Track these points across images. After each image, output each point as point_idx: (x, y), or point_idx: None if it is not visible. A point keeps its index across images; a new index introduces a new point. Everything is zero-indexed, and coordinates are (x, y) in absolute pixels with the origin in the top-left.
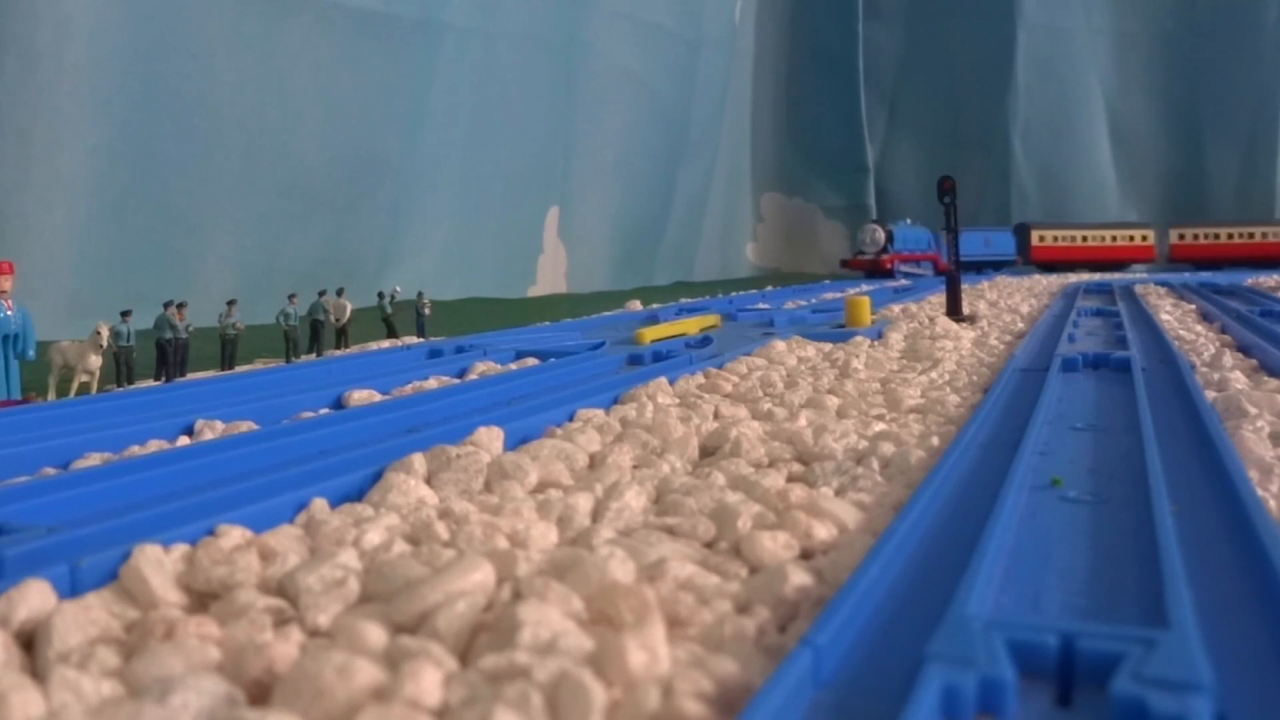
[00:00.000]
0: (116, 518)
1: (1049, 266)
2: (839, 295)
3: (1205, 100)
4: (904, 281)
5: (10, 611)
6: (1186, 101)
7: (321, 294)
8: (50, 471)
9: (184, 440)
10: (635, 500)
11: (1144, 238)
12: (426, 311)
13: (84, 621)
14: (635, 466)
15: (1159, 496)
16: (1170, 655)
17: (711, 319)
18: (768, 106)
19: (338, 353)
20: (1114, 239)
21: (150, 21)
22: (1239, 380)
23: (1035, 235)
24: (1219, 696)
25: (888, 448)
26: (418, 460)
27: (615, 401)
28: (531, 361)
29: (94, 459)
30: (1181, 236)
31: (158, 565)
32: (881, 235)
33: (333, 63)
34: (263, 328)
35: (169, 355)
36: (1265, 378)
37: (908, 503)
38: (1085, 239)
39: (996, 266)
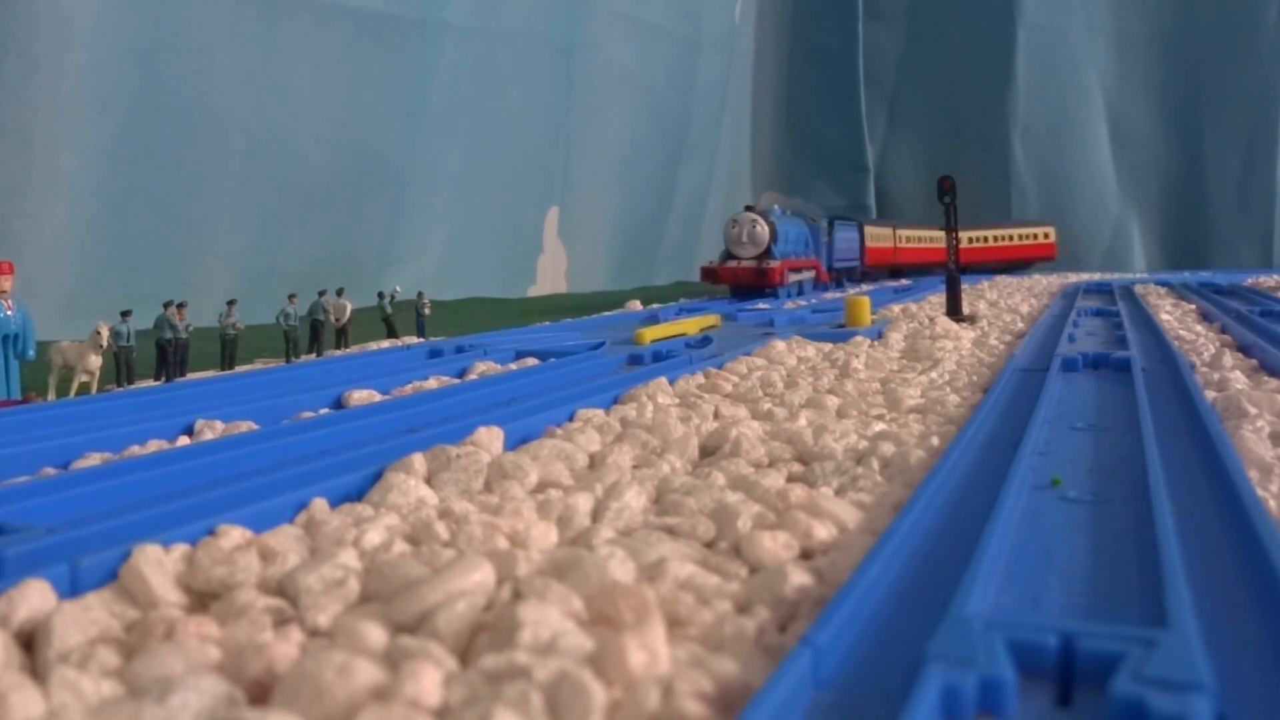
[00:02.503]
0: (116, 518)
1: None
2: (839, 295)
3: (1205, 100)
4: (905, 281)
5: (10, 611)
6: (1186, 101)
7: (321, 294)
8: (50, 471)
9: (184, 440)
10: (635, 500)
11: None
12: (426, 311)
13: (84, 621)
14: (635, 466)
15: (1159, 496)
16: (1170, 655)
17: (711, 319)
18: (768, 106)
19: (338, 353)
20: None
21: (150, 21)
22: (1239, 380)
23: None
24: (1219, 696)
25: (888, 448)
26: (418, 460)
27: (615, 401)
28: (531, 361)
29: (94, 459)
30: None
31: (158, 565)
32: (764, 230)
33: (333, 63)
34: (263, 328)
35: (169, 355)
36: (1265, 378)
37: (908, 503)
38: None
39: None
